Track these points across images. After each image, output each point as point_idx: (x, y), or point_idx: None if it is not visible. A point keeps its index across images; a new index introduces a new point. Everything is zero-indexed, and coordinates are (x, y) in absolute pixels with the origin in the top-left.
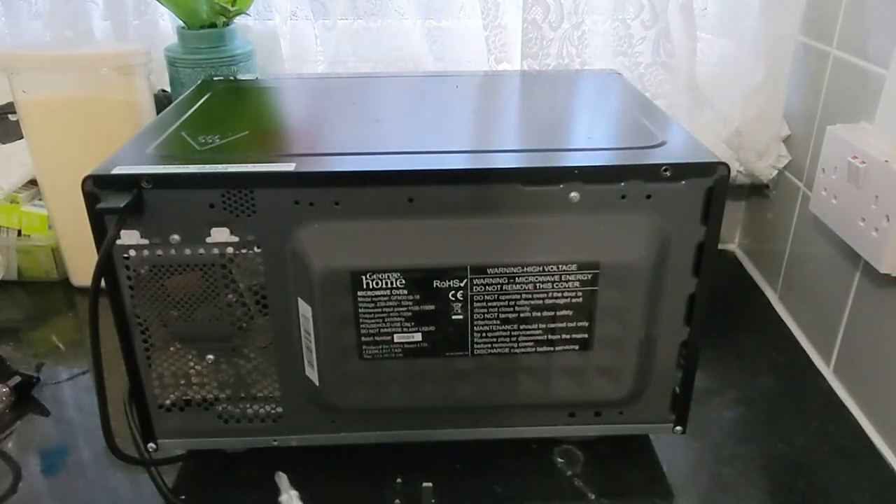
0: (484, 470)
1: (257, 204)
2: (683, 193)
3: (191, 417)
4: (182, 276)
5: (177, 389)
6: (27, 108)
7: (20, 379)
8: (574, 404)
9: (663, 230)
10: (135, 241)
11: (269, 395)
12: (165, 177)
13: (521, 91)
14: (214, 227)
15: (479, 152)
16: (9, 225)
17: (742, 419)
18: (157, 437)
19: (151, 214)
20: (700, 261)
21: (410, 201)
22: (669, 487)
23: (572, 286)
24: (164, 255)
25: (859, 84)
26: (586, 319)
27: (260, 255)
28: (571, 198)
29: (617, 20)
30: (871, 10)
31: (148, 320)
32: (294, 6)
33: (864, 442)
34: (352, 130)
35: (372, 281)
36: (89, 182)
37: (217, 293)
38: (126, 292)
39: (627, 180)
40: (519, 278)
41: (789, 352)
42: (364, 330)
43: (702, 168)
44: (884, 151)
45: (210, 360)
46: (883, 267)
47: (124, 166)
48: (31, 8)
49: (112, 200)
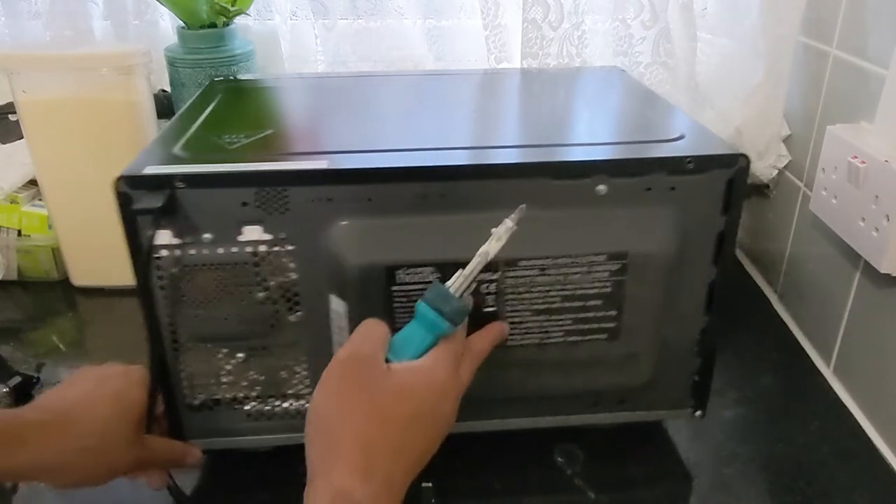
0: (483, 470)
1: (291, 201)
2: (705, 185)
3: (219, 417)
4: (213, 275)
5: (206, 389)
6: (27, 108)
7: (20, 379)
8: (599, 392)
9: (685, 221)
10: (167, 240)
11: (299, 391)
12: (199, 176)
13: (534, 88)
14: (246, 226)
15: (506, 147)
16: (9, 225)
17: (742, 419)
18: (186, 438)
19: (184, 214)
20: (720, 250)
21: (442, 196)
22: (670, 487)
23: (601, 276)
24: (196, 254)
25: (859, 84)
26: (614, 308)
27: (292, 252)
28: (598, 191)
29: (617, 20)
30: (871, 10)
31: (179, 320)
32: (294, 6)
33: (864, 442)
34: (375, 127)
35: (407, 275)
36: (122, 182)
37: (249, 291)
38: (157, 292)
39: (652, 173)
40: (550, 270)
41: (789, 352)
42: (399, 323)
43: (723, 160)
44: (884, 151)
45: (240, 359)
46: (883, 267)
47: (155, 166)
48: (31, 8)
49: (146, 201)
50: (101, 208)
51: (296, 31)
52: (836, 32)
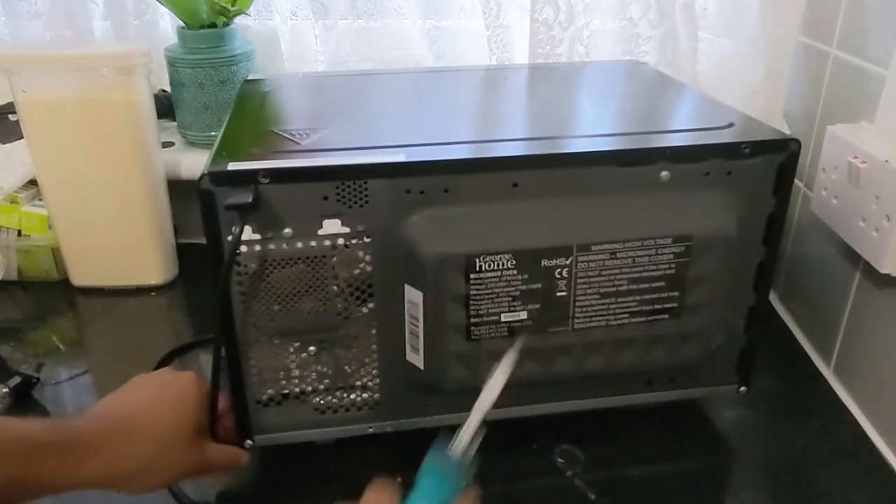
0: (483, 469)
1: (370, 194)
2: (759, 168)
3: (287, 411)
4: (292, 270)
5: (276, 384)
6: (27, 108)
7: (20, 379)
8: (655, 371)
9: (741, 203)
10: (247, 236)
11: (368, 382)
12: (282, 171)
13: (573, 81)
14: (327, 219)
15: (569, 137)
16: (9, 225)
17: (742, 419)
18: (253, 434)
19: (266, 209)
20: (770, 230)
21: (515, 186)
22: (670, 487)
23: (666, 258)
24: (275, 249)
25: (859, 84)
26: (678, 289)
27: (369, 244)
28: (662, 176)
29: (624, 19)
30: (871, 10)
31: (254, 315)
32: (294, 6)
33: (864, 442)
34: (437, 120)
35: (485, 263)
36: (206, 179)
37: (325, 284)
38: (235, 288)
39: (711, 158)
40: (619, 254)
41: (789, 352)
42: (474, 311)
43: (776, 145)
44: (884, 151)
45: (311, 352)
46: (883, 267)
47: (238, 162)
48: (31, 8)
49: (236, 196)
50: (101, 208)
51: (296, 31)
52: (836, 32)
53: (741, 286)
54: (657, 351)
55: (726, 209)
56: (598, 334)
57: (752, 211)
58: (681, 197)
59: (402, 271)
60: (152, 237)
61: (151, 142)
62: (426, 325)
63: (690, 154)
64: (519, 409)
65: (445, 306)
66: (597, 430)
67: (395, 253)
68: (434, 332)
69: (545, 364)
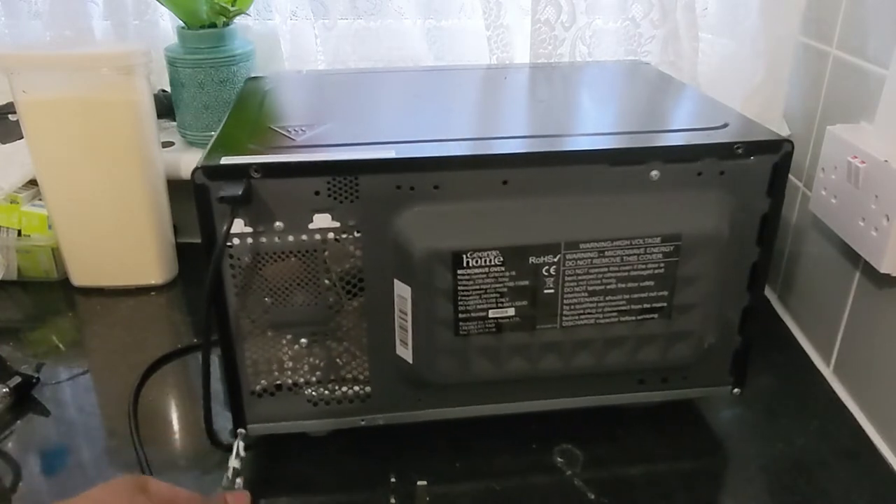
0: (483, 468)
1: (361, 190)
2: (752, 169)
3: (280, 402)
4: (283, 263)
5: (269, 375)
6: (27, 108)
7: (20, 379)
8: (646, 371)
9: (734, 203)
10: (239, 229)
11: (359, 375)
12: (274, 166)
13: (573, 80)
14: (317, 214)
15: (562, 136)
16: (9, 225)
17: (742, 419)
18: (248, 423)
19: (258, 203)
20: (764, 231)
21: (505, 183)
22: (670, 486)
23: (655, 258)
24: (266, 243)
25: (859, 84)
26: (667, 289)
27: (360, 238)
28: (652, 176)
29: (627, 19)
30: (871, 10)
31: (247, 308)
32: (294, 6)
33: (864, 442)
34: (432, 118)
35: (472, 259)
36: (199, 173)
37: (316, 278)
38: (229, 281)
39: (704, 158)
40: (608, 252)
41: (789, 352)
42: (461, 307)
43: (770, 145)
44: (884, 151)
45: (303, 345)
46: (883, 267)
47: (231, 157)
48: (31, 8)
49: (227, 189)
50: (101, 208)
51: (296, 30)
52: (836, 32)
53: (735, 286)
54: (647, 350)
55: (718, 209)
56: (586, 332)
57: (745, 211)
58: (672, 196)
59: (392, 266)
60: (152, 237)
61: (151, 142)
62: (414, 320)
63: (682, 154)
64: (509, 405)
65: (433, 302)
66: (596, 430)
67: (385, 248)
68: (422, 327)
69: (533, 361)
